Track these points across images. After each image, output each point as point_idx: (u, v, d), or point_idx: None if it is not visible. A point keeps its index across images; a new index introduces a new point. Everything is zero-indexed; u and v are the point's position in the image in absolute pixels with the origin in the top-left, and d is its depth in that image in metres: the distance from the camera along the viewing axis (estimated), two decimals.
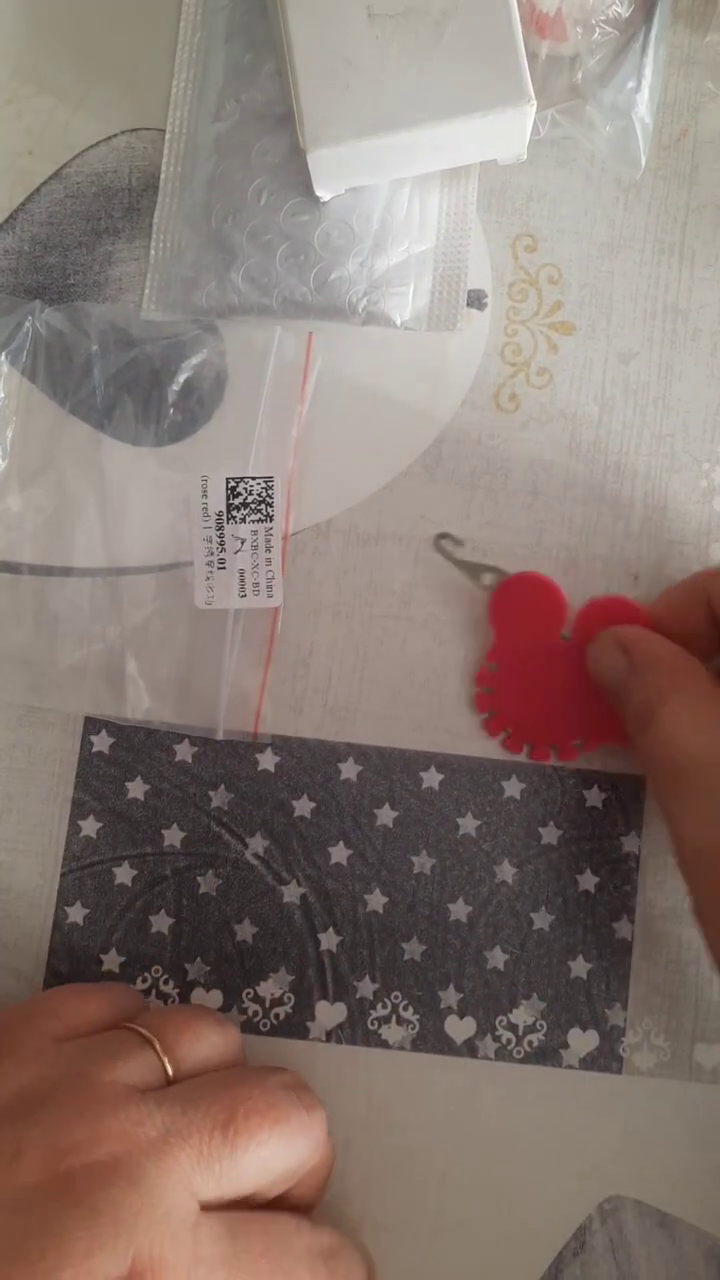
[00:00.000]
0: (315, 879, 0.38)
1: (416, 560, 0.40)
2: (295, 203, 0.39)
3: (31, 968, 0.38)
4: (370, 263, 0.39)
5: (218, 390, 0.40)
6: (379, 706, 0.39)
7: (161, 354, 0.40)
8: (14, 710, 0.39)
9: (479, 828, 0.39)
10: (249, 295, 0.40)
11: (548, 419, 0.40)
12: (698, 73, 0.42)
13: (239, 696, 0.39)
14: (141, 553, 0.40)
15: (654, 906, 0.38)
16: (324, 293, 0.39)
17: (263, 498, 0.39)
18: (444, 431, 0.40)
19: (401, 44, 0.36)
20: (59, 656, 0.39)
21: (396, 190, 0.39)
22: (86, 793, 0.39)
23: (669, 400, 0.40)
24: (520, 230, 0.41)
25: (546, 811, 0.39)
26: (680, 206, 0.41)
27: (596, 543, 0.40)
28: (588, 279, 0.41)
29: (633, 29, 0.40)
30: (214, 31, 0.41)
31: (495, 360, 0.41)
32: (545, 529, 0.40)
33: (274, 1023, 0.38)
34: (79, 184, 0.41)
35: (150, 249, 0.41)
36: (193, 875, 0.38)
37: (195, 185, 0.40)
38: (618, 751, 0.39)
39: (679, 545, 0.40)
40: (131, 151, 0.42)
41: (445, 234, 0.40)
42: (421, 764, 0.39)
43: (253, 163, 0.39)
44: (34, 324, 0.40)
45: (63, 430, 0.40)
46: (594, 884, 0.38)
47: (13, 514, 0.40)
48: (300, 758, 0.39)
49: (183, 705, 0.39)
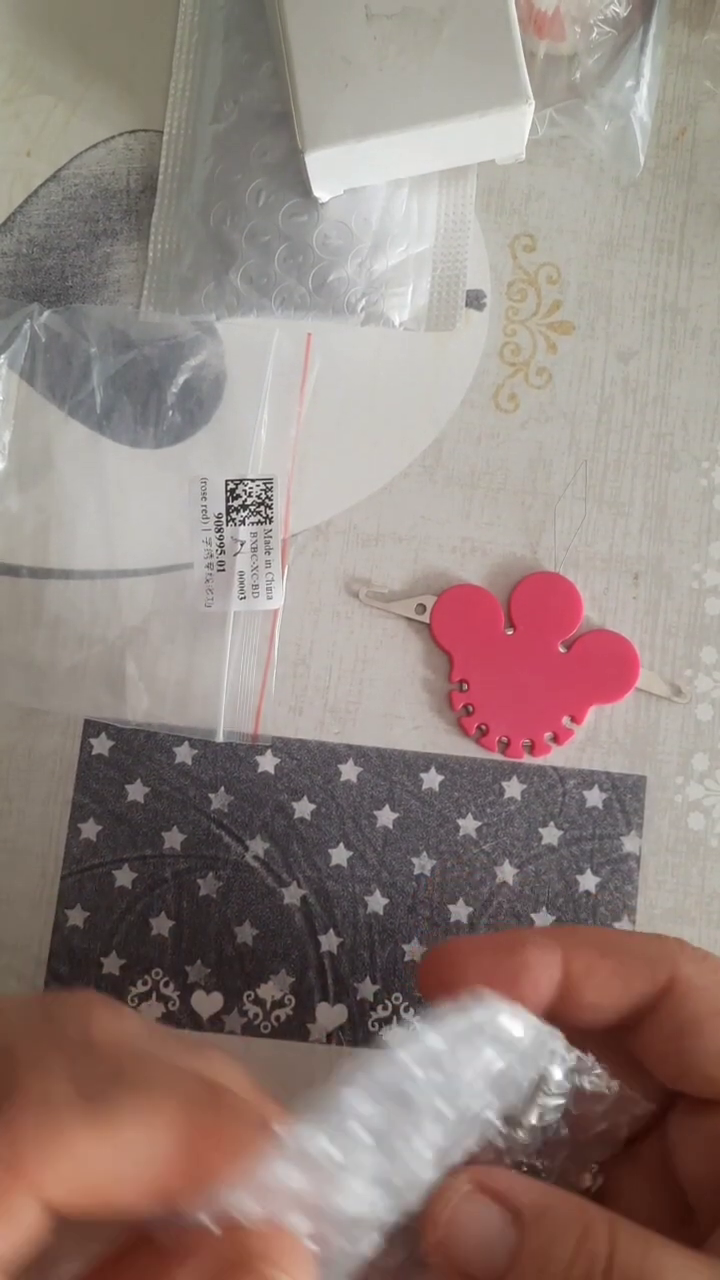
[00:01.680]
0: (316, 881, 0.38)
1: (416, 560, 0.40)
2: (293, 203, 0.39)
3: (32, 970, 0.38)
4: (369, 263, 0.39)
5: (216, 392, 0.40)
6: (379, 707, 0.39)
7: (160, 355, 0.40)
8: (13, 712, 0.39)
9: (479, 829, 0.39)
10: (248, 296, 0.39)
11: (547, 419, 0.40)
12: (696, 71, 0.41)
13: (239, 698, 0.39)
14: (141, 555, 0.40)
15: (655, 906, 0.38)
16: (323, 293, 0.39)
17: (262, 499, 0.39)
18: (444, 431, 0.40)
19: (400, 44, 0.36)
20: (58, 658, 0.39)
21: (395, 191, 0.39)
22: (86, 795, 0.39)
23: (668, 399, 0.40)
24: (519, 230, 0.41)
25: (547, 812, 0.39)
26: (679, 205, 0.41)
27: (596, 543, 0.40)
28: (587, 278, 0.41)
29: (631, 28, 0.40)
30: (212, 31, 0.41)
31: (494, 360, 0.41)
32: (545, 529, 0.40)
33: (274, 1025, 0.38)
34: (77, 186, 0.41)
35: (149, 250, 0.41)
36: (193, 877, 0.38)
37: (193, 186, 0.40)
38: (618, 751, 0.39)
39: (679, 545, 0.40)
40: (129, 153, 0.42)
41: (444, 234, 0.40)
42: (422, 765, 0.39)
43: (251, 163, 0.39)
44: (32, 326, 0.40)
45: (62, 432, 0.40)
46: (595, 884, 0.38)
47: (12, 516, 0.40)
48: (300, 759, 0.39)
49: (182, 707, 0.39)
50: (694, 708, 0.39)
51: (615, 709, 0.39)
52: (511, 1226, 0.23)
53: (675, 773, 0.39)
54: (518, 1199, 0.23)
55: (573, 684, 0.39)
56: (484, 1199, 0.23)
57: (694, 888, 0.38)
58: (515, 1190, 0.23)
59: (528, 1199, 0.23)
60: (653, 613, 0.39)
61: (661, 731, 0.39)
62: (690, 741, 0.39)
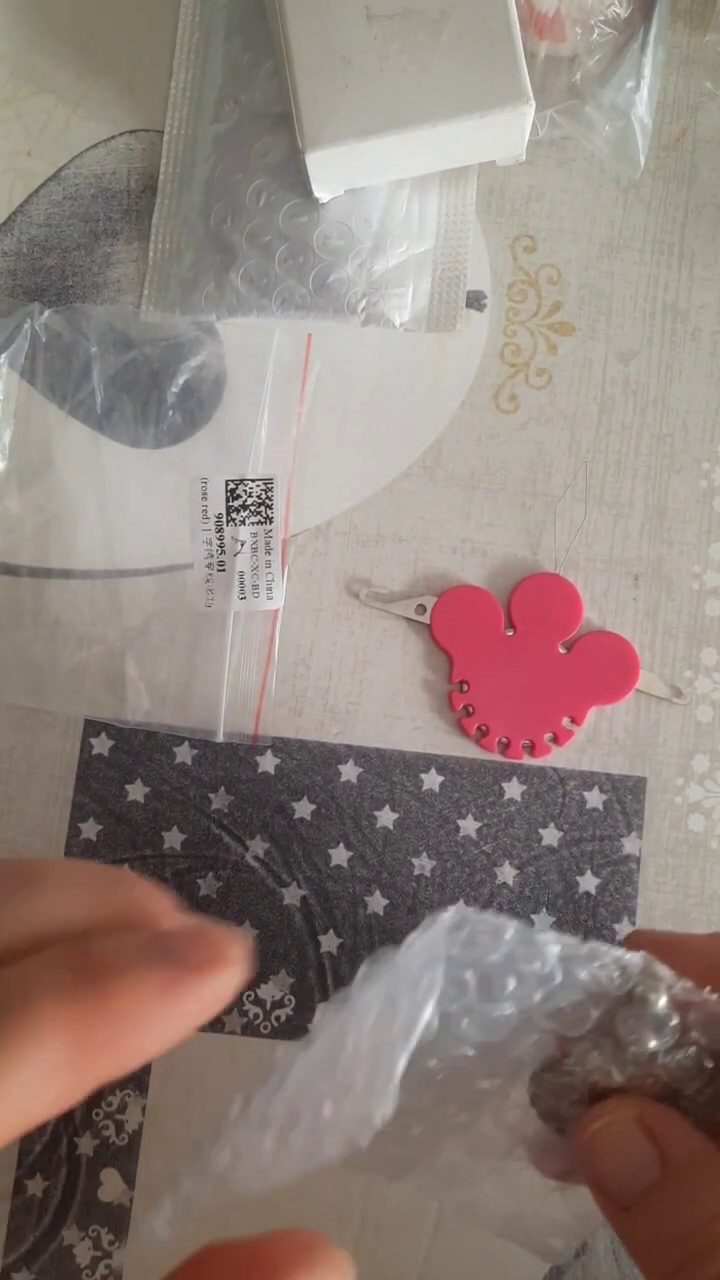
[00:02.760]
0: (316, 881, 0.38)
1: (416, 560, 0.40)
2: (294, 204, 0.39)
3: None
4: (369, 264, 0.39)
5: (217, 392, 0.40)
6: (379, 708, 0.39)
7: (160, 356, 0.40)
8: (13, 712, 0.39)
9: (480, 829, 0.39)
10: (248, 297, 0.39)
11: (547, 419, 0.40)
12: (697, 72, 0.41)
13: (239, 698, 0.39)
14: (141, 555, 0.39)
15: (655, 908, 0.38)
16: (323, 294, 0.39)
17: (262, 499, 0.39)
18: (444, 432, 0.40)
19: (400, 44, 0.36)
20: (59, 659, 0.39)
21: (395, 191, 0.39)
22: (86, 795, 0.39)
23: (668, 400, 0.40)
24: (519, 231, 0.41)
25: (547, 813, 0.39)
26: (679, 206, 0.41)
27: (596, 543, 0.40)
28: (587, 279, 0.41)
29: (631, 29, 0.40)
30: (213, 31, 0.41)
31: (494, 361, 0.41)
32: (545, 529, 0.40)
33: (274, 1025, 0.38)
34: (78, 185, 0.41)
35: (149, 250, 0.41)
36: (193, 878, 0.38)
37: (194, 186, 0.40)
38: (618, 753, 0.39)
39: (679, 546, 0.40)
40: (130, 153, 0.42)
41: (444, 235, 0.40)
42: (422, 766, 0.39)
43: (251, 164, 0.39)
44: (33, 326, 0.40)
45: (62, 432, 0.40)
46: (595, 885, 0.38)
47: (12, 516, 0.40)
48: (300, 760, 0.39)
49: (183, 707, 0.39)
50: (694, 709, 0.39)
51: (615, 710, 0.39)
52: (655, 1165, 0.23)
53: (675, 774, 0.39)
54: (670, 1145, 0.24)
55: (573, 685, 0.39)
56: (637, 1130, 0.24)
57: (694, 889, 0.38)
58: (672, 1135, 0.24)
59: (682, 1148, 0.24)
60: (653, 614, 0.39)
61: (662, 733, 0.39)
62: (690, 743, 0.39)
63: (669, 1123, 0.24)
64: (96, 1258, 0.37)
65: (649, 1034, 0.23)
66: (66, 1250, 0.37)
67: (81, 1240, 0.37)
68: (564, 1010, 0.24)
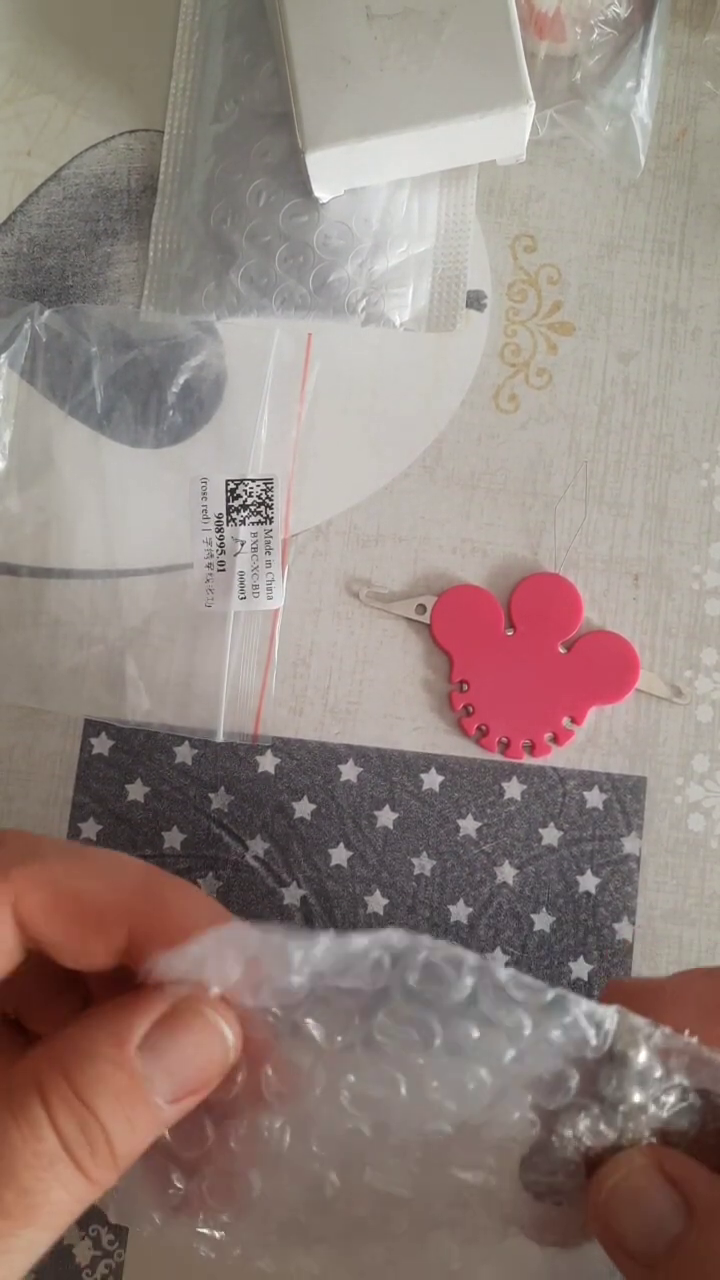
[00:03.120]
0: (316, 881, 0.38)
1: (416, 560, 0.40)
2: (294, 204, 0.39)
3: None
4: (369, 264, 0.39)
5: (217, 392, 0.40)
6: (379, 708, 0.39)
7: (160, 355, 0.40)
8: (14, 712, 0.39)
9: (480, 829, 0.39)
10: (248, 296, 0.39)
11: (547, 419, 0.40)
12: (697, 72, 0.41)
13: (239, 698, 0.39)
14: (141, 555, 0.39)
15: (655, 907, 0.38)
16: (323, 294, 0.39)
17: (262, 499, 0.39)
18: (444, 432, 0.40)
19: (400, 44, 0.36)
20: (59, 658, 0.39)
21: (395, 191, 0.39)
22: (86, 795, 0.39)
23: (668, 400, 0.40)
24: (519, 231, 0.41)
25: (547, 813, 0.39)
26: (679, 206, 0.41)
27: (596, 542, 0.40)
28: (587, 279, 0.41)
29: (631, 29, 0.40)
30: (213, 31, 0.41)
31: (495, 361, 0.41)
32: (545, 529, 0.40)
33: None
34: (78, 185, 0.41)
35: (149, 250, 0.41)
36: (193, 877, 0.38)
37: (194, 186, 0.40)
38: (618, 752, 0.39)
39: (679, 546, 0.40)
40: (130, 153, 0.42)
41: (444, 235, 0.40)
42: (422, 765, 0.39)
43: (251, 163, 0.39)
44: (33, 326, 0.40)
45: (62, 432, 0.40)
46: (595, 885, 0.38)
47: (12, 516, 0.40)
48: (300, 759, 0.39)
49: (183, 707, 0.39)
50: (694, 709, 0.39)
51: (615, 710, 0.39)
52: (680, 1214, 0.22)
53: (675, 774, 0.39)
54: (695, 1190, 0.22)
55: (573, 685, 0.39)
56: (659, 1179, 0.22)
57: (694, 889, 0.38)
58: (694, 1180, 0.22)
59: (708, 1193, 0.22)
60: (653, 614, 0.39)
61: (662, 733, 0.39)
62: (690, 743, 0.39)
63: (688, 1168, 0.23)
64: (96, 1257, 0.37)
65: (634, 1090, 0.23)
66: (66, 1250, 0.37)
67: (81, 1240, 0.37)
68: (542, 1079, 0.23)
